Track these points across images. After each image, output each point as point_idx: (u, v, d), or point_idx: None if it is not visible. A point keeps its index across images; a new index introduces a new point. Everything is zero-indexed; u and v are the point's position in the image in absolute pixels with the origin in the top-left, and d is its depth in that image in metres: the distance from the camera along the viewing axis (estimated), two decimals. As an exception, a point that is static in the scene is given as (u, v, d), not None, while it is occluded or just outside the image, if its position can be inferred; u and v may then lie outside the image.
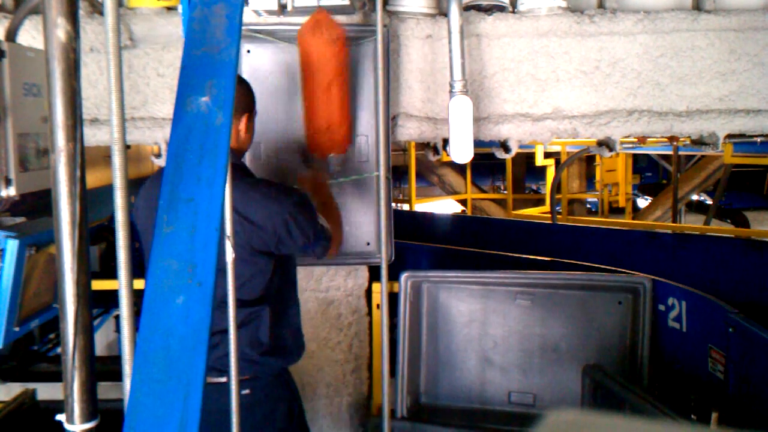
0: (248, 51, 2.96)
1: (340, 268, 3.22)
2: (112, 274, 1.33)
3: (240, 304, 2.20)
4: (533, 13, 3.09)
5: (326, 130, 2.72)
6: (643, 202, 13.04)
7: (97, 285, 3.43)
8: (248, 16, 2.88)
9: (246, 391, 2.18)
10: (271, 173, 2.99)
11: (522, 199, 11.28)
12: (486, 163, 13.40)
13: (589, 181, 11.06)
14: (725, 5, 3.16)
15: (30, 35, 2.96)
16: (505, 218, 8.65)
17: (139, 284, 1.25)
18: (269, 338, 2.25)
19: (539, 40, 3.14)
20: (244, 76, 2.91)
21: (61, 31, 1.30)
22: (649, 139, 7.31)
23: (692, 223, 11.21)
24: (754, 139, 6.83)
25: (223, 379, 2.11)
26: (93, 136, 3.07)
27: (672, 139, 6.93)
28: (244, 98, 2.34)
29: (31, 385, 3.24)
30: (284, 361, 2.34)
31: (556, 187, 8.60)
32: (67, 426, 1.34)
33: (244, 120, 2.33)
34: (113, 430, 1.35)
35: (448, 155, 3.02)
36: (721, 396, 2.72)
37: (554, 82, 3.17)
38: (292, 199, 2.26)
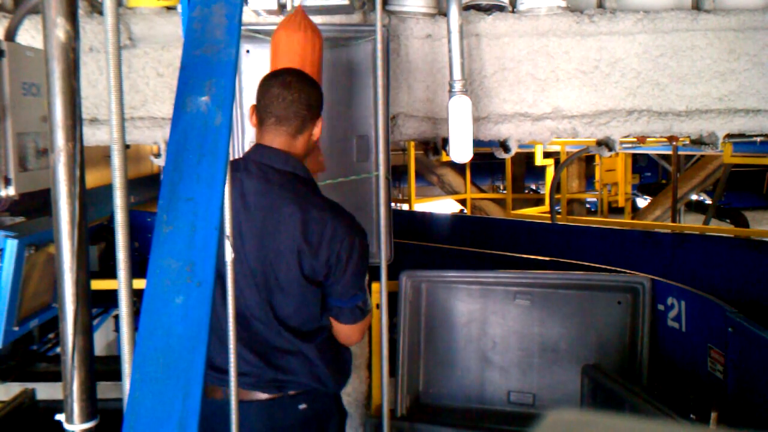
0: (247, 51, 2.96)
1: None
2: (112, 274, 1.32)
3: (305, 328, 2.13)
4: (533, 12, 3.09)
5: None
6: (642, 202, 13.05)
7: (97, 285, 3.43)
8: (248, 16, 2.88)
9: (303, 406, 2.13)
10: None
11: (521, 199, 11.28)
12: (485, 163, 13.41)
13: (589, 180, 11.07)
14: (724, 5, 3.16)
15: (29, 35, 2.96)
16: (505, 218, 8.65)
17: (138, 284, 1.25)
18: (328, 364, 2.18)
19: (539, 39, 3.14)
20: (244, 76, 2.91)
21: (60, 30, 1.30)
22: (648, 139, 7.32)
23: (691, 222, 11.22)
24: (754, 138, 6.83)
25: (279, 394, 2.08)
26: (92, 136, 3.06)
27: (671, 138, 6.93)
28: (319, 100, 2.19)
29: (30, 385, 3.24)
30: (338, 385, 2.27)
31: (556, 186, 8.60)
32: (66, 426, 1.34)
33: (318, 123, 2.18)
34: (113, 429, 1.35)
35: (447, 155, 3.02)
36: (720, 396, 2.72)
37: (554, 82, 3.17)
38: (360, 244, 2.11)
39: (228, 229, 1.58)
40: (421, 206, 9.52)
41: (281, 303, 2.06)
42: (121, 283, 1.27)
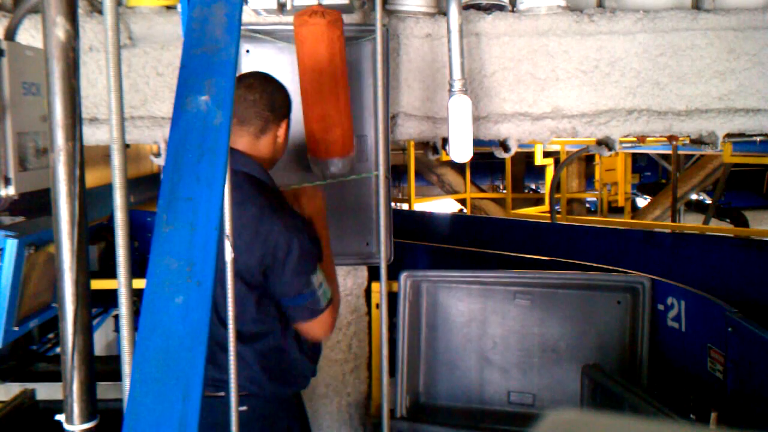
0: (247, 51, 2.96)
1: (339, 268, 3.21)
2: (111, 274, 1.32)
3: (246, 331, 2.10)
4: (532, 12, 3.09)
5: (327, 129, 2.56)
6: (642, 202, 13.05)
7: (96, 284, 3.42)
8: (248, 15, 2.88)
9: (243, 408, 2.11)
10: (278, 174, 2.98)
11: (521, 199, 11.28)
12: (485, 163, 13.42)
13: (589, 180, 11.07)
14: (724, 4, 3.16)
15: (29, 34, 2.96)
16: (505, 218, 8.64)
17: (138, 284, 1.25)
18: (270, 368, 2.16)
19: (538, 39, 3.14)
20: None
21: (60, 30, 1.30)
22: (648, 139, 7.32)
23: (691, 222, 11.22)
24: (754, 138, 6.83)
25: (221, 394, 2.03)
26: (92, 135, 3.06)
27: (671, 138, 6.93)
28: (284, 103, 2.22)
29: (30, 385, 3.24)
30: (285, 389, 2.24)
31: (556, 186, 8.60)
32: (66, 426, 1.34)
33: (283, 126, 2.21)
34: (112, 430, 1.35)
35: (447, 154, 3.02)
36: (720, 395, 2.72)
37: (554, 82, 3.17)
38: (300, 238, 2.06)
39: (228, 229, 1.57)
40: (421, 206, 9.52)
41: (221, 301, 2.02)
42: (121, 283, 1.27)
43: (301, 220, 2.15)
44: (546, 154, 10.04)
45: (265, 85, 2.17)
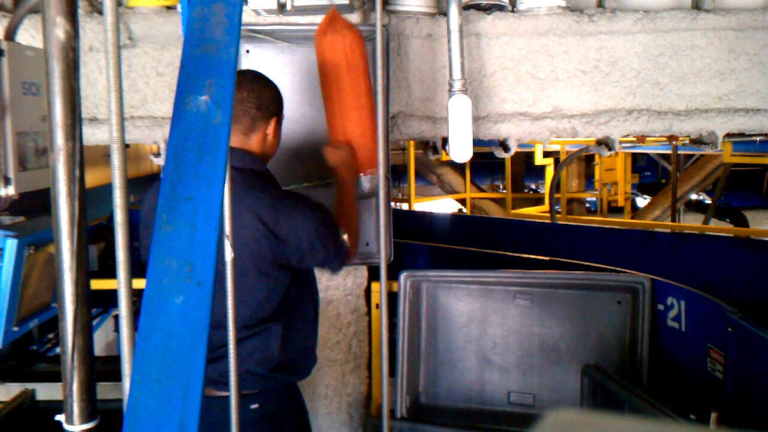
0: (247, 51, 2.96)
1: (339, 268, 3.22)
2: (111, 274, 1.32)
3: (255, 320, 2.14)
4: (532, 12, 3.09)
5: (358, 145, 2.56)
6: (642, 202, 13.05)
7: (96, 284, 3.42)
8: (248, 16, 2.88)
9: (254, 406, 2.12)
10: (275, 174, 2.98)
11: (521, 199, 11.29)
12: (485, 162, 13.41)
13: (588, 180, 11.07)
14: (724, 4, 3.16)
15: (29, 34, 2.96)
16: (504, 217, 8.64)
17: (138, 284, 1.25)
18: (279, 353, 2.17)
19: (538, 39, 3.14)
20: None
21: (60, 30, 1.30)
22: (648, 138, 7.32)
23: (691, 222, 11.23)
24: (753, 138, 6.84)
25: (228, 393, 2.06)
26: (92, 135, 3.06)
27: (671, 138, 6.93)
28: (273, 101, 2.24)
29: (30, 385, 3.24)
30: (293, 378, 2.28)
31: (555, 186, 8.60)
32: (66, 426, 1.33)
33: (272, 123, 2.23)
34: (112, 430, 1.35)
35: (447, 154, 3.02)
36: (720, 396, 2.72)
37: (553, 81, 3.17)
38: (318, 215, 2.17)
39: (228, 229, 1.57)
40: (421, 206, 9.52)
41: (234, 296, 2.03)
42: (120, 283, 1.27)
43: (306, 199, 2.22)
44: (546, 154, 10.04)
45: (252, 83, 2.18)
